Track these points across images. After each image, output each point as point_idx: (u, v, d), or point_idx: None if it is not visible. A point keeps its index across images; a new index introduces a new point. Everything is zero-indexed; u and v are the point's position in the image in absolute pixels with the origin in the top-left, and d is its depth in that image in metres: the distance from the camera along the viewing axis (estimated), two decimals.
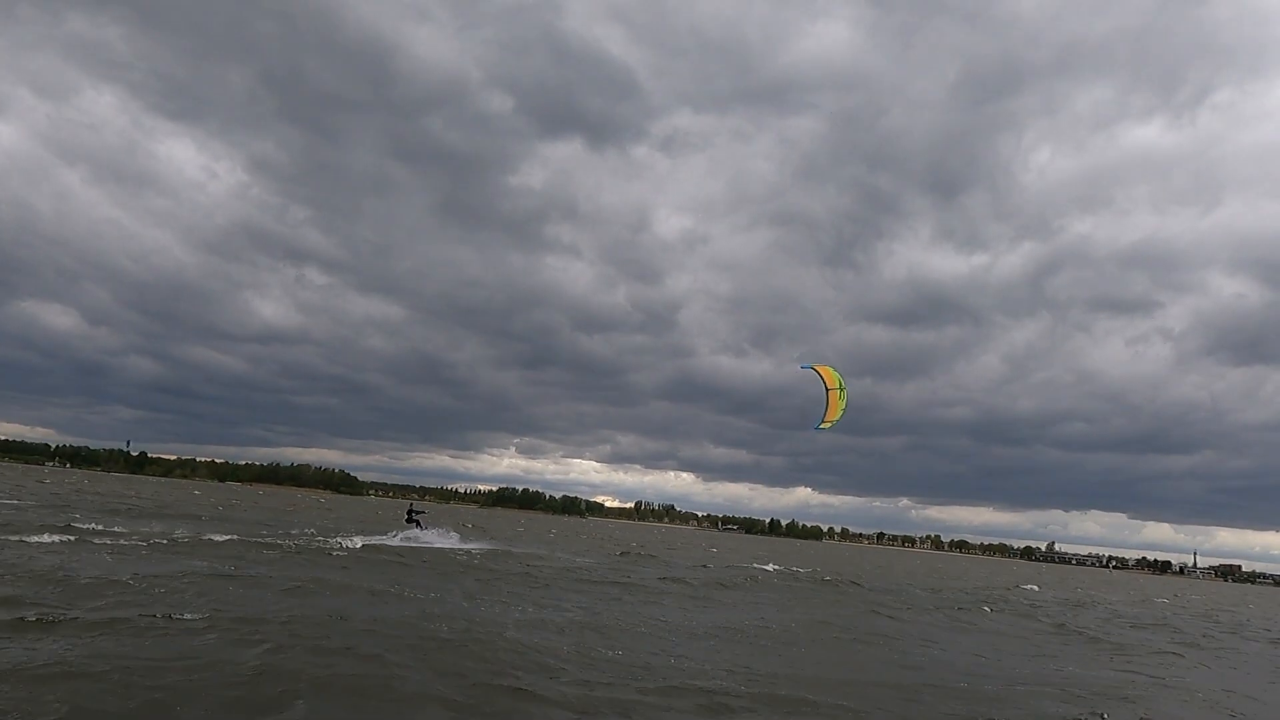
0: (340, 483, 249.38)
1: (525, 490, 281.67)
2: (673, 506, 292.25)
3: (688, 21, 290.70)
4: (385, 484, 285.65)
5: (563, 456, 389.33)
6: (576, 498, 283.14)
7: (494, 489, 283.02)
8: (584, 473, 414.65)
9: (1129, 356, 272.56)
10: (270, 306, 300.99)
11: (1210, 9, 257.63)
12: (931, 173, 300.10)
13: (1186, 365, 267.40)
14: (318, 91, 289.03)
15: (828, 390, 27.16)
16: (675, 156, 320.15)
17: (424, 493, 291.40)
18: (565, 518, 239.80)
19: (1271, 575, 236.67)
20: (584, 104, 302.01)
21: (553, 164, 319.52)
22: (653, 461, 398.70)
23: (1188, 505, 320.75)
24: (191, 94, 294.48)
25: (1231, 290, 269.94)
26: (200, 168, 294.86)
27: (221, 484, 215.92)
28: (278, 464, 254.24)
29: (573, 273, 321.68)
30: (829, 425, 26.88)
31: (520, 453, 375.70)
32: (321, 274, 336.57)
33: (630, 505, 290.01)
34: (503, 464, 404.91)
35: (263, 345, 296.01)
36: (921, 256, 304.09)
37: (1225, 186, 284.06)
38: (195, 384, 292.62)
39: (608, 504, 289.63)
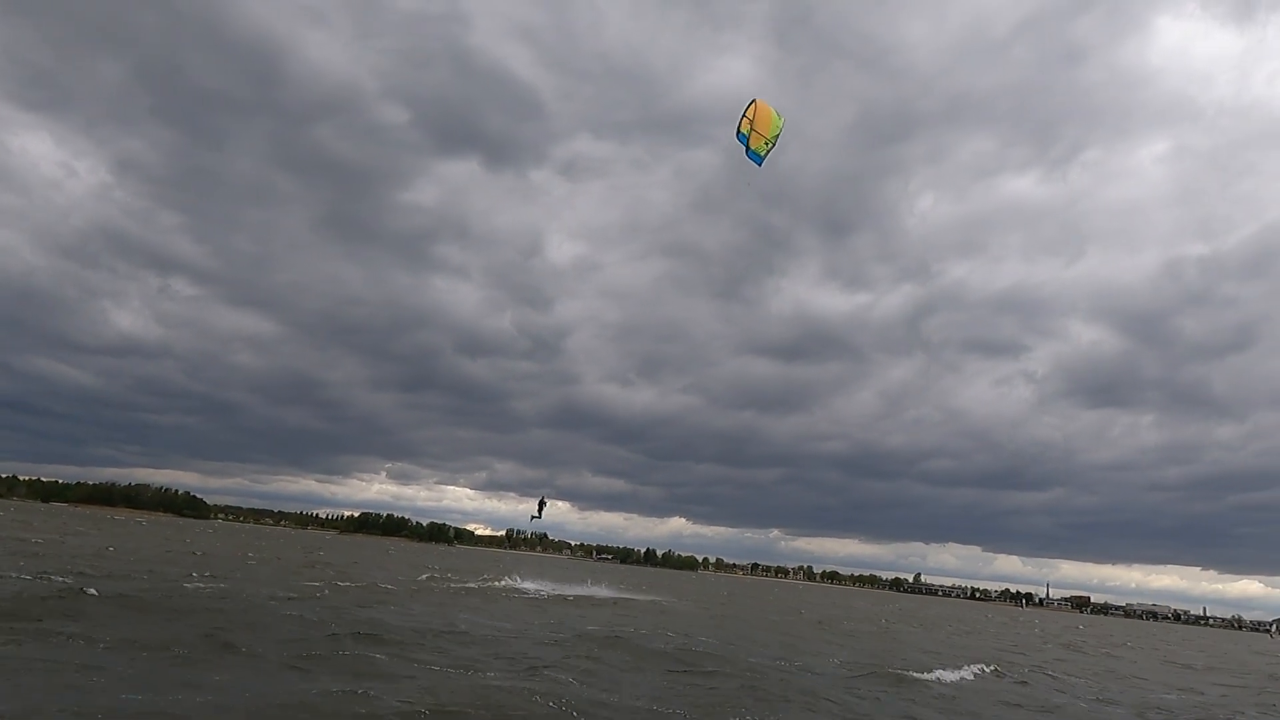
0: (183, 505, 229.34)
1: (390, 516, 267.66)
2: (545, 535, 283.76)
3: (595, 47, 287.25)
4: (239, 508, 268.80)
5: (436, 483, 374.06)
6: (444, 524, 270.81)
7: (356, 514, 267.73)
8: (457, 499, 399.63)
9: (994, 397, 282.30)
10: (128, 317, 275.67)
11: (1085, 71, 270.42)
12: (823, 212, 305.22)
13: (1045, 407, 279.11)
14: (198, 90, 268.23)
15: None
16: (573, 182, 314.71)
17: (280, 518, 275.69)
18: (433, 545, 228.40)
19: (1120, 607, 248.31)
20: (484, 123, 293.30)
21: (447, 182, 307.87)
22: (529, 489, 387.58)
23: (1037, 539, 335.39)
24: (54, 84, 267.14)
25: (1090, 337, 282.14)
26: (58, 164, 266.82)
27: (44, 504, 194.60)
28: (113, 483, 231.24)
29: (460, 294, 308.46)
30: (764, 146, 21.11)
31: (391, 478, 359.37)
32: (189, 284, 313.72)
33: (501, 533, 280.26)
34: (372, 489, 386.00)
35: (117, 358, 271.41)
36: (809, 293, 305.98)
37: (1089, 239, 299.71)
38: (37, 398, 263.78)
39: (479, 531, 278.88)
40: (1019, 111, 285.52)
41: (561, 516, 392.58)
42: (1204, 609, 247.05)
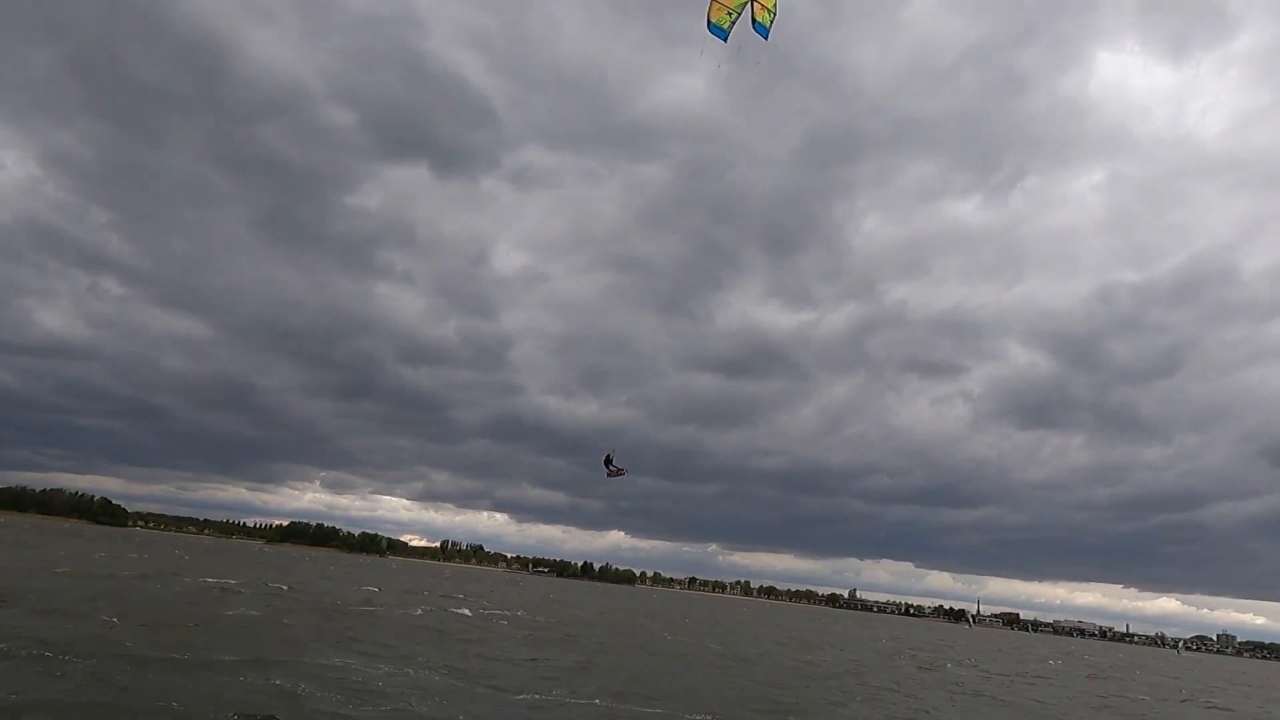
0: (99, 512, 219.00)
1: (320, 526, 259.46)
2: (481, 547, 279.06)
3: (550, 57, 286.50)
4: (162, 516, 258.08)
5: (371, 493, 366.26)
6: (377, 535, 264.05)
7: (284, 524, 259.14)
8: (392, 510, 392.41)
9: (932, 415, 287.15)
10: (54, 316, 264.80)
11: (1027, 101, 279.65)
12: (770, 230, 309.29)
13: (980, 426, 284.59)
14: (136, 84, 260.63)
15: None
16: (523, 191, 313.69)
17: (204, 526, 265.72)
18: (362, 556, 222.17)
19: (1049, 624, 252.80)
20: (435, 128, 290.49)
21: (394, 187, 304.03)
22: (466, 501, 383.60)
23: (968, 556, 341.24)
24: None
25: (1025, 359, 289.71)
26: None
27: None
28: (24, 488, 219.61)
29: (403, 302, 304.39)
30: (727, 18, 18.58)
31: (325, 487, 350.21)
32: (119, 284, 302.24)
33: (436, 545, 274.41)
34: (305, 498, 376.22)
35: (41, 359, 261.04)
36: (754, 310, 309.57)
37: (1027, 264, 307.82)
38: None
39: (412, 543, 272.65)
40: (963, 137, 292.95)
41: (499, 528, 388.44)
42: (1127, 626, 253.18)
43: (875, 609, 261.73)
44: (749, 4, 18.77)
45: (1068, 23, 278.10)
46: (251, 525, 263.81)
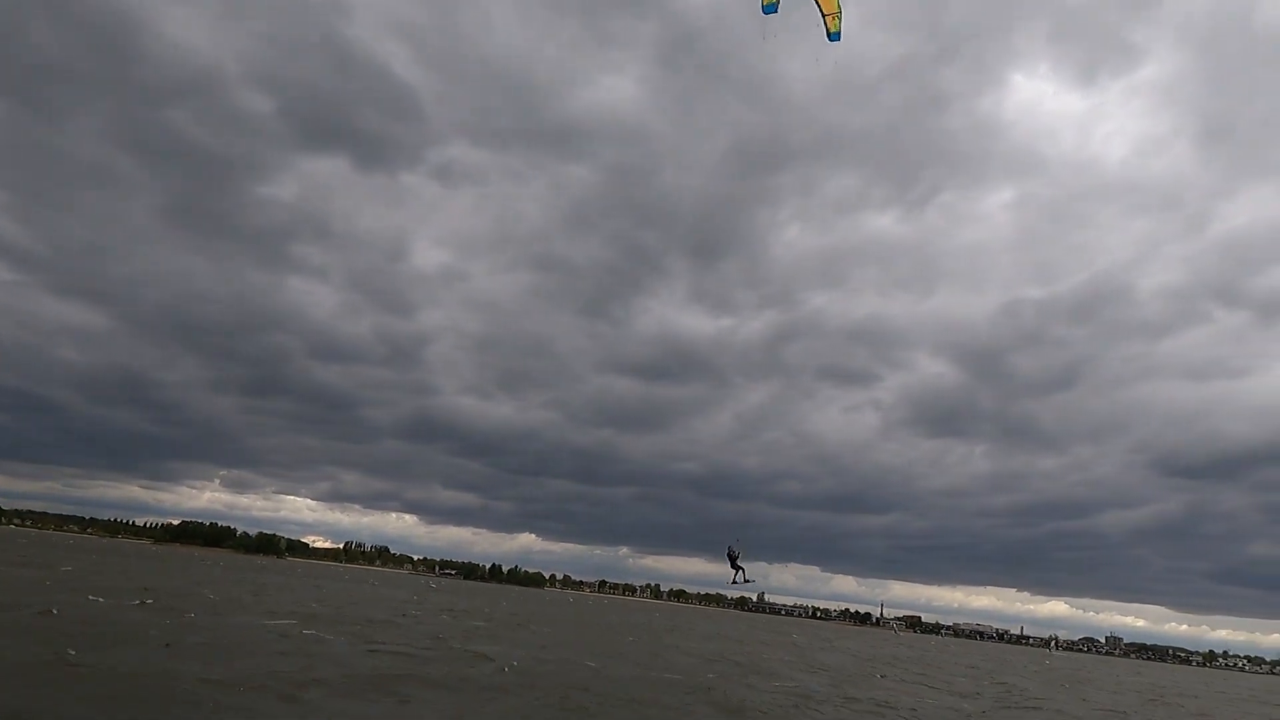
0: None
1: (214, 525, 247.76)
2: (386, 549, 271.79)
3: (479, 52, 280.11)
4: (44, 514, 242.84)
5: (274, 492, 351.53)
6: (275, 535, 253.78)
7: (175, 523, 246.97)
8: (296, 510, 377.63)
9: (844, 423, 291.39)
10: None
11: (946, 119, 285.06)
12: (694, 235, 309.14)
13: (889, 434, 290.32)
14: (36, 59, 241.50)
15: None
16: (446, 187, 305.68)
17: (87, 525, 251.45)
18: (259, 558, 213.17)
19: (949, 626, 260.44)
20: (357, 119, 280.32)
21: (311, 178, 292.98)
22: (374, 502, 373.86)
23: (872, 560, 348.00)
24: None
25: (934, 370, 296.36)
26: None
27: None
28: None
29: (316, 296, 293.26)
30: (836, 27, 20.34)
31: (225, 486, 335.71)
32: (10, 269, 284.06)
33: (339, 546, 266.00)
34: (203, 498, 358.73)
35: None
36: (675, 314, 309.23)
37: (939, 277, 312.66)
38: None
39: (315, 544, 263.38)
40: (884, 152, 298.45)
41: (407, 530, 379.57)
42: (1021, 628, 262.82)
43: (783, 612, 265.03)
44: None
45: (985, 45, 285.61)
46: (141, 525, 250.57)
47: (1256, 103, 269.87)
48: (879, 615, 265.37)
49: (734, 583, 31.31)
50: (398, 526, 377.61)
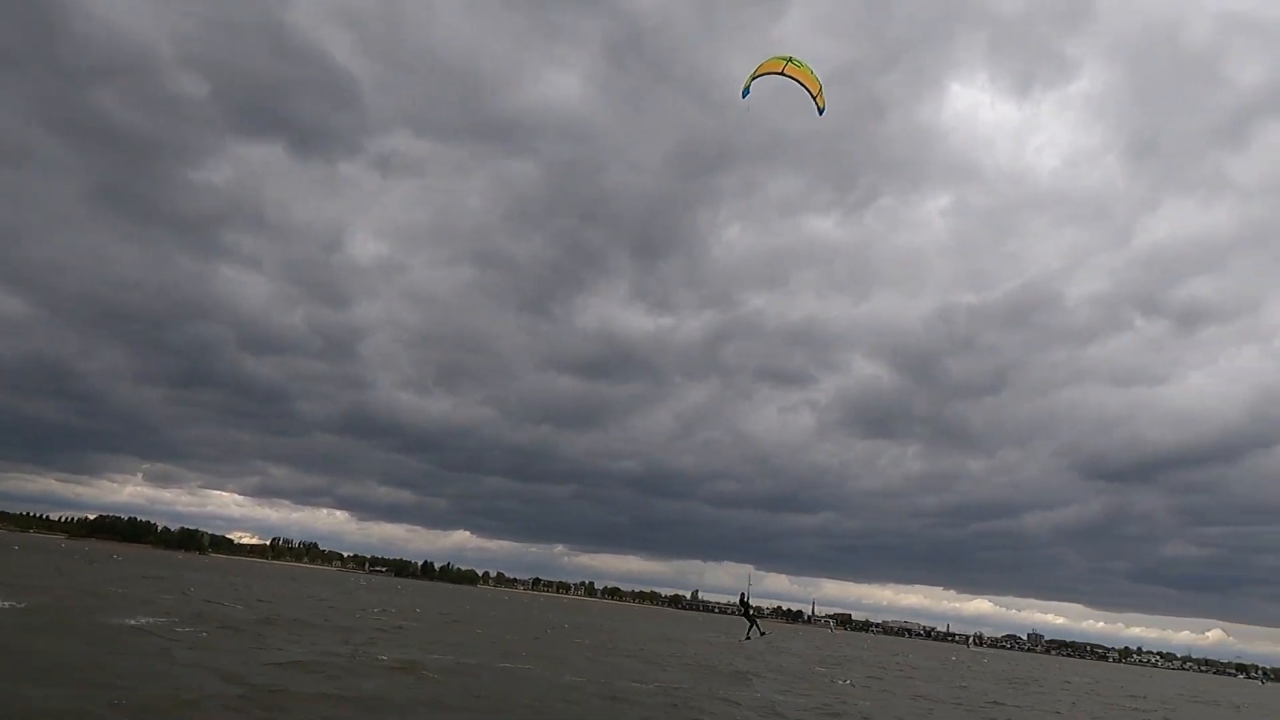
0: None
1: (133, 520, 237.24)
2: (315, 545, 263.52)
3: (423, 42, 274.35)
4: None
5: (200, 487, 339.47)
6: (198, 530, 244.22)
7: (92, 517, 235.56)
8: (223, 505, 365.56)
9: (780, 424, 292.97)
10: None
11: (886, 125, 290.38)
12: (637, 234, 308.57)
13: (824, 435, 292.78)
14: None
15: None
16: (386, 178, 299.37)
17: None
18: (180, 553, 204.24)
19: (879, 624, 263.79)
20: (294, 106, 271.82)
21: (245, 165, 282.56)
22: (305, 497, 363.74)
23: (805, 559, 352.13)
24: None
25: (869, 372, 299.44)
26: None
27: None
28: None
29: (249, 286, 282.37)
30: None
31: (148, 480, 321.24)
32: None
33: (265, 542, 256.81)
34: (125, 492, 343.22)
35: None
36: (616, 312, 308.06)
37: (876, 281, 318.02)
38: None
39: (240, 540, 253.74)
40: (825, 156, 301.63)
41: (339, 526, 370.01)
42: (948, 625, 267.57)
43: (716, 610, 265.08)
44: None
45: (926, 54, 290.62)
46: (55, 519, 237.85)
47: (1181, 119, 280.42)
48: (810, 613, 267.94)
49: (747, 638, 28.58)
50: (329, 523, 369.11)
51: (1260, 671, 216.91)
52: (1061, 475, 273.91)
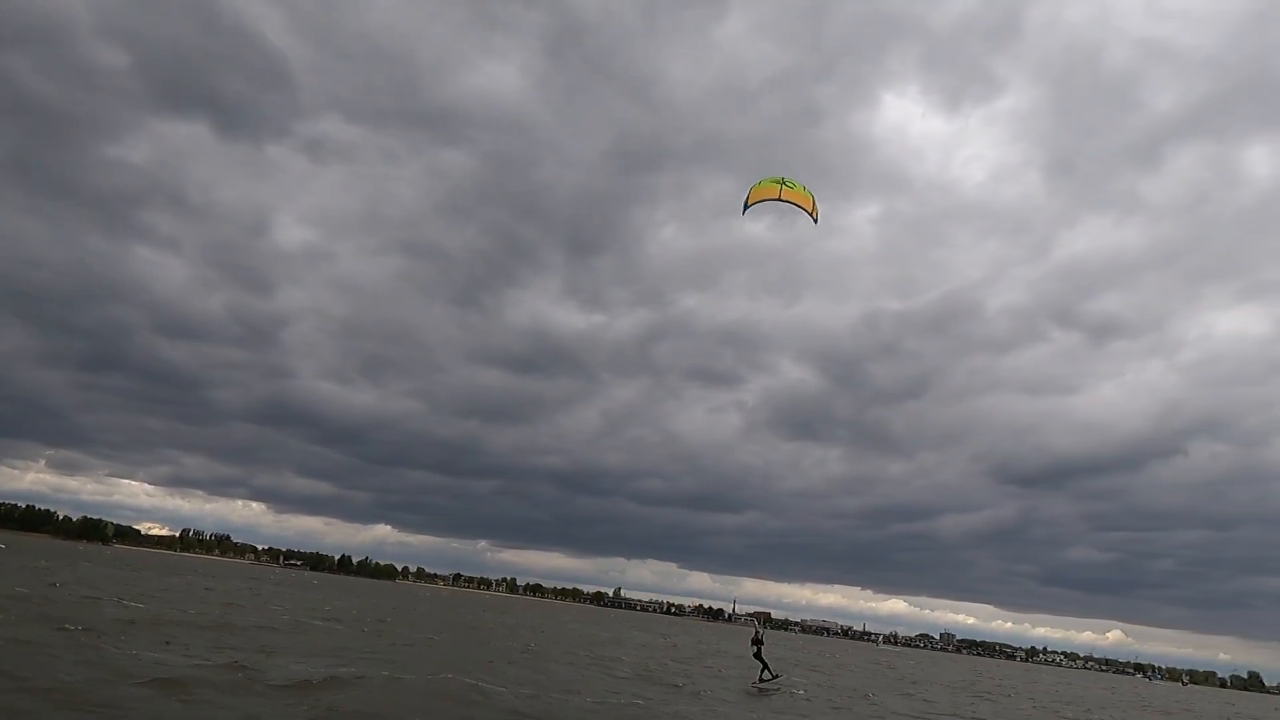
0: None
1: (30, 508, 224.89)
2: (228, 537, 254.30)
3: (358, 26, 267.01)
4: None
5: (108, 475, 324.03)
6: (102, 520, 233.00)
7: None
8: (132, 495, 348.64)
9: (709, 423, 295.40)
10: None
11: (821, 132, 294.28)
12: (571, 230, 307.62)
13: (751, 435, 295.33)
14: None
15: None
16: (315, 163, 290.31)
17: None
18: (81, 544, 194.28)
19: (798, 623, 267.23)
20: (221, 85, 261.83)
21: (167, 142, 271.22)
22: (219, 488, 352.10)
23: (727, 558, 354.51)
24: None
25: (796, 375, 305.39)
26: None
27: None
28: None
29: (166, 269, 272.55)
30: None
31: (52, 467, 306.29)
32: None
33: (175, 534, 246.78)
34: (25, 479, 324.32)
35: None
36: (548, 308, 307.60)
37: (806, 285, 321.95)
38: None
39: (149, 531, 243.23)
40: (760, 160, 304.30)
41: (254, 518, 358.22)
42: (864, 625, 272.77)
43: (639, 607, 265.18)
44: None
45: (861, 64, 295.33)
46: None
47: (1099, 139, 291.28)
48: (731, 611, 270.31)
49: (761, 680, 26.91)
50: (244, 514, 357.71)
51: (1154, 670, 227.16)
52: (977, 480, 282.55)
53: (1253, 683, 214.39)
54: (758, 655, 28.12)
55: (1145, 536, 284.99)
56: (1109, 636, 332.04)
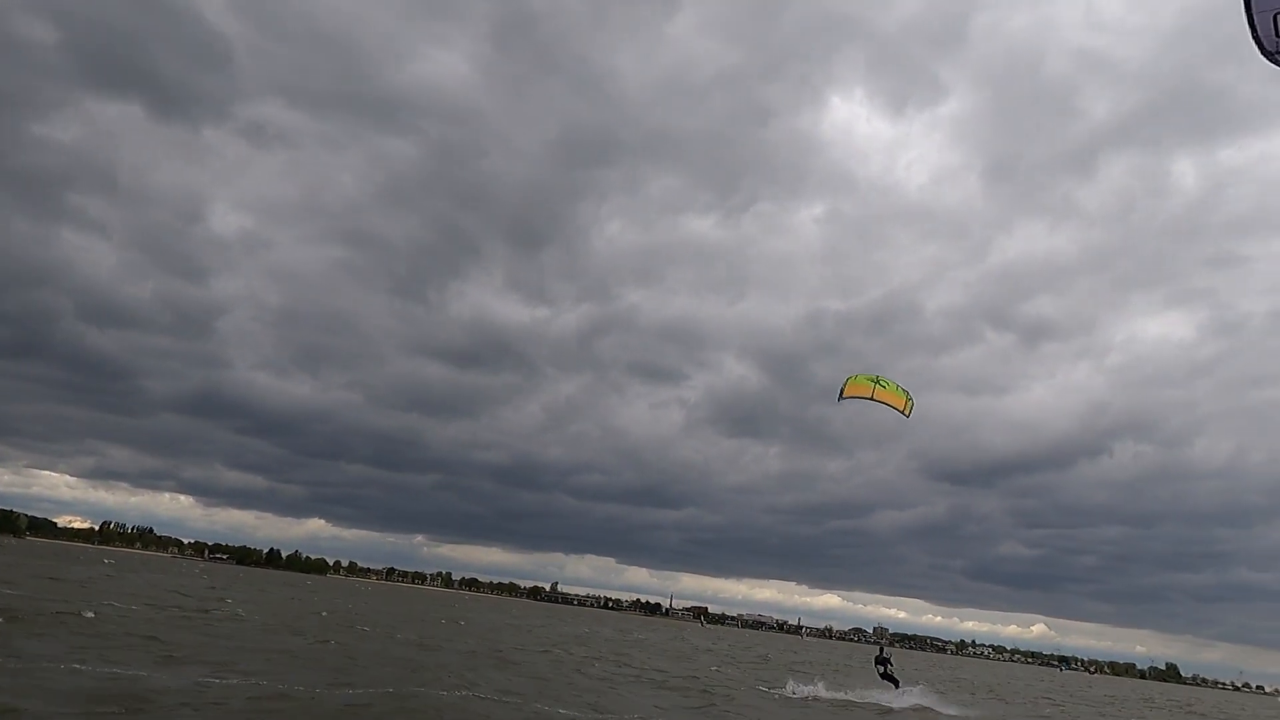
0: None
1: None
2: (151, 530, 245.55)
3: (301, 8, 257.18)
4: None
5: (27, 466, 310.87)
6: (14, 512, 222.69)
7: None
8: (52, 487, 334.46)
9: (651, 419, 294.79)
10: None
11: (769, 132, 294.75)
12: (516, 222, 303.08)
13: (691, 432, 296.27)
14: None
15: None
16: (254, 147, 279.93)
17: None
18: None
19: (735, 617, 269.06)
20: (156, 64, 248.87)
21: (97, 122, 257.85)
22: (146, 480, 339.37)
23: (665, 553, 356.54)
24: None
25: (738, 372, 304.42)
26: None
27: None
28: None
29: (94, 254, 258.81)
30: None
31: None
32: None
33: (95, 527, 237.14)
34: None
35: None
36: (491, 301, 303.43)
37: (750, 283, 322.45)
38: None
39: (68, 523, 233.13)
40: (708, 157, 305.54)
41: (182, 512, 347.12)
42: (799, 619, 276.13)
43: (575, 602, 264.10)
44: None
45: (809, 65, 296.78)
46: None
47: (1036, 146, 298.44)
48: (669, 606, 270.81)
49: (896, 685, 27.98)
50: (171, 508, 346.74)
51: (1074, 662, 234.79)
52: (910, 477, 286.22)
53: (1170, 674, 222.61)
54: (885, 675, 28.83)
55: (1070, 533, 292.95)
56: (1033, 630, 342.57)
